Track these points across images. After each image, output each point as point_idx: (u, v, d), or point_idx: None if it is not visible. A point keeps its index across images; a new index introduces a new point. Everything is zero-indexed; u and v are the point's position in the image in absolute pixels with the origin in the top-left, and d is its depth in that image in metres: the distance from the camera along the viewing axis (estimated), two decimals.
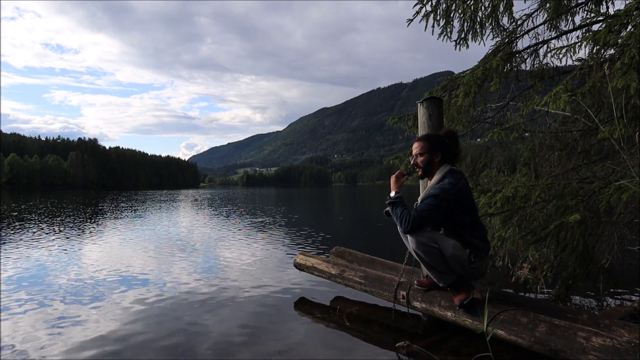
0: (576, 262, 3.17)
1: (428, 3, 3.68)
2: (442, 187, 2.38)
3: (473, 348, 2.37)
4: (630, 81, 2.18)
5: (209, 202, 23.23)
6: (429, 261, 2.40)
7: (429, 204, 2.34)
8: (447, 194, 2.35)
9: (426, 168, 2.57)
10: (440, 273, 2.44)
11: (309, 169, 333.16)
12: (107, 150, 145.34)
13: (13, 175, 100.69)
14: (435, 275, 2.48)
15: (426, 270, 2.51)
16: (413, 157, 2.62)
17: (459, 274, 2.45)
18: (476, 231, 2.45)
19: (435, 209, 2.33)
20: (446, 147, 2.56)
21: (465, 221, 2.43)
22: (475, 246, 2.39)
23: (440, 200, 2.34)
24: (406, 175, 2.62)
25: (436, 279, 2.51)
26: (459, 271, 2.43)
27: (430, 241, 2.36)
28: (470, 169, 4.30)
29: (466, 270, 2.41)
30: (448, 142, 2.57)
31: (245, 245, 6.70)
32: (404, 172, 2.62)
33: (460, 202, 2.40)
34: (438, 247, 2.37)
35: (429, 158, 2.55)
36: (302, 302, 3.43)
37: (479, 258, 2.40)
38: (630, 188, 2.29)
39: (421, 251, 2.38)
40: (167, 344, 2.57)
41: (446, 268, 2.42)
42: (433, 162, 2.55)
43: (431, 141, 2.57)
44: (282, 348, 2.50)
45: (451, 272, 2.44)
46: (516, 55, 3.45)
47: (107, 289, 3.92)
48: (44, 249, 6.25)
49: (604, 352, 1.84)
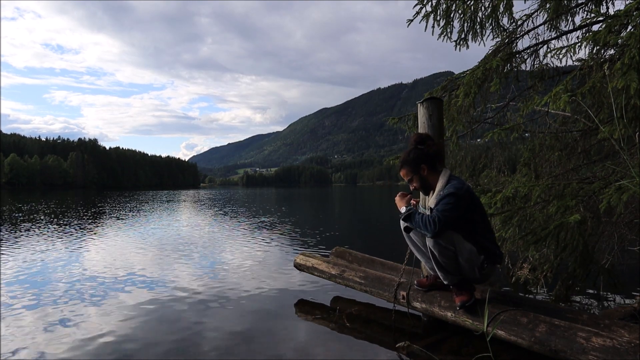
0: (576, 262, 3.17)
1: (428, 3, 3.68)
2: (454, 186, 2.39)
3: (473, 348, 2.37)
4: (630, 81, 2.18)
5: (209, 202, 23.23)
6: (441, 261, 2.40)
7: (448, 202, 2.33)
8: (462, 191, 2.37)
9: (424, 185, 2.58)
10: (448, 273, 2.45)
11: (309, 169, 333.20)
12: (107, 151, 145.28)
13: (13, 175, 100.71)
14: (442, 274, 2.48)
15: (434, 266, 2.50)
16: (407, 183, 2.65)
17: (465, 276, 2.45)
18: (489, 233, 2.47)
19: (455, 207, 2.33)
20: (424, 155, 2.54)
21: (480, 220, 2.45)
22: (491, 253, 2.41)
23: (458, 198, 2.34)
24: (409, 194, 2.63)
25: (442, 277, 2.51)
26: (468, 275, 2.44)
27: (448, 243, 2.35)
28: (471, 169, 4.30)
29: (475, 274, 2.42)
30: (421, 147, 2.56)
31: (245, 245, 6.70)
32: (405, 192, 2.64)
33: (473, 200, 2.43)
34: (454, 250, 2.37)
35: (419, 177, 2.57)
36: (302, 303, 3.43)
37: (491, 265, 2.42)
38: (630, 188, 2.29)
39: (437, 250, 2.37)
40: (168, 344, 2.57)
41: (455, 269, 2.43)
42: (425, 177, 2.56)
43: (410, 163, 2.57)
44: (282, 348, 2.50)
45: (458, 273, 2.44)
46: (516, 55, 3.45)
47: (107, 289, 3.92)
48: (45, 249, 6.25)
49: (604, 352, 1.84)
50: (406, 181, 2.64)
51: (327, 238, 7.49)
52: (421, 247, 2.63)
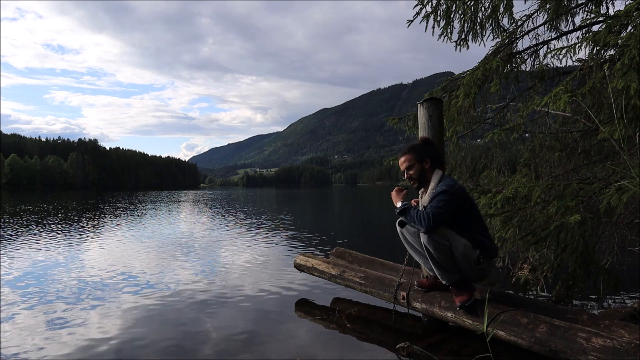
0: (576, 263, 3.17)
1: (428, 4, 3.68)
2: (446, 184, 2.44)
3: (473, 349, 2.37)
4: (630, 82, 2.18)
5: (209, 203, 23.23)
6: (437, 257, 2.41)
7: (442, 199, 2.37)
8: (454, 189, 2.40)
9: (420, 177, 2.60)
10: (445, 271, 2.45)
11: (309, 170, 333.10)
12: (108, 151, 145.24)
13: (13, 175, 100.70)
14: (440, 273, 2.49)
15: (431, 265, 2.51)
16: (404, 171, 2.64)
17: (463, 274, 2.46)
18: (483, 230, 2.50)
19: (448, 203, 2.36)
20: (431, 152, 2.61)
21: (473, 217, 2.48)
22: (487, 247, 2.42)
23: (451, 195, 2.38)
24: (405, 190, 2.65)
25: (440, 276, 2.51)
26: (465, 271, 2.44)
27: (442, 238, 2.38)
28: (471, 169, 4.30)
29: (472, 270, 2.43)
30: (429, 148, 2.62)
31: (245, 246, 6.70)
32: (402, 187, 2.65)
33: (466, 200, 2.46)
34: (449, 245, 2.38)
35: (420, 167, 2.59)
36: (302, 303, 3.43)
37: (487, 259, 2.43)
38: (630, 189, 2.29)
39: (431, 247, 2.39)
40: (168, 345, 2.57)
41: (452, 266, 2.43)
42: (425, 170, 2.59)
43: (417, 151, 2.61)
44: (282, 349, 2.50)
45: (456, 270, 2.45)
46: (516, 55, 3.45)
47: (108, 290, 3.92)
48: (45, 250, 6.25)
49: (604, 352, 1.84)
50: (403, 169, 2.64)
51: (327, 238, 7.49)
52: (417, 247, 2.63)
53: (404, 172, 2.65)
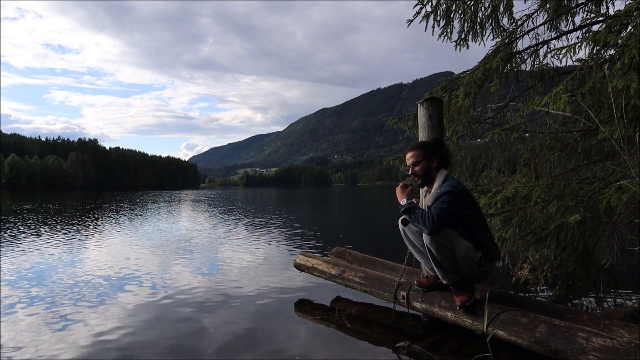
0: (576, 263, 3.17)
1: (428, 4, 3.68)
2: (451, 184, 2.43)
3: (473, 348, 2.37)
4: (630, 81, 2.18)
5: (209, 202, 23.22)
6: (438, 258, 2.41)
7: (445, 200, 2.37)
8: (458, 190, 2.40)
9: (425, 175, 2.59)
10: (447, 271, 2.45)
11: (309, 170, 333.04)
12: (107, 151, 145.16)
13: (13, 175, 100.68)
14: (441, 273, 2.49)
15: (432, 265, 2.51)
16: (409, 167, 2.64)
17: (464, 275, 2.45)
18: (486, 232, 2.49)
19: (452, 204, 2.36)
20: (440, 152, 2.60)
21: (476, 219, 2.47)
22: (489, 249, 2.42)
23: (454, 196, 2.37)
24: (410, 185, 2.64)
25: (441, 276, 2.51)
26: (466, 272, 2.44)
27: (444, 239, 2.37)
28: (471, 169, 4.30)
29: (473, 272, 2.43)
30: (438, 147, 2.61)
31: (245, 245, 6.70)
32: (407, 183, 2.63)
33: (469, 199, 2.46)
34: (451, 247, 2.38)
35: (426, 165, 2.58)
36: (302, 303, 3.43)
37: (489, 261, 2.42)
38: (630, 188, 2.29)
39: (434, 248, 2.38)
40: (168, 344, 2.57)
41: (453, 267, 2.43)
42: (431, 169, 2.58)
43: (426, 148, 2.60)
44: (282, 348, 2.50)
45: (457, 271, 2.45)
46: (516, 55, 3.44)
47: (108, 289, 3.92)
48: (45, 250, 6.25)
49: (604, 352, 1.84)
50: (409, 164, 2.63)
51: (327, 238, 7.49)
52: (419, 247, 2.63)
53: (409, 168, 2.64)
